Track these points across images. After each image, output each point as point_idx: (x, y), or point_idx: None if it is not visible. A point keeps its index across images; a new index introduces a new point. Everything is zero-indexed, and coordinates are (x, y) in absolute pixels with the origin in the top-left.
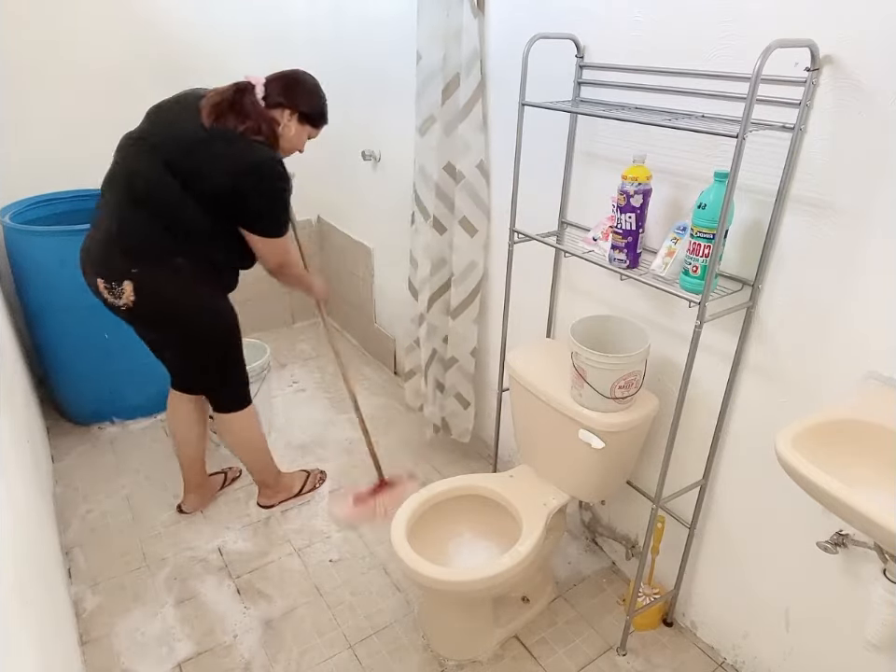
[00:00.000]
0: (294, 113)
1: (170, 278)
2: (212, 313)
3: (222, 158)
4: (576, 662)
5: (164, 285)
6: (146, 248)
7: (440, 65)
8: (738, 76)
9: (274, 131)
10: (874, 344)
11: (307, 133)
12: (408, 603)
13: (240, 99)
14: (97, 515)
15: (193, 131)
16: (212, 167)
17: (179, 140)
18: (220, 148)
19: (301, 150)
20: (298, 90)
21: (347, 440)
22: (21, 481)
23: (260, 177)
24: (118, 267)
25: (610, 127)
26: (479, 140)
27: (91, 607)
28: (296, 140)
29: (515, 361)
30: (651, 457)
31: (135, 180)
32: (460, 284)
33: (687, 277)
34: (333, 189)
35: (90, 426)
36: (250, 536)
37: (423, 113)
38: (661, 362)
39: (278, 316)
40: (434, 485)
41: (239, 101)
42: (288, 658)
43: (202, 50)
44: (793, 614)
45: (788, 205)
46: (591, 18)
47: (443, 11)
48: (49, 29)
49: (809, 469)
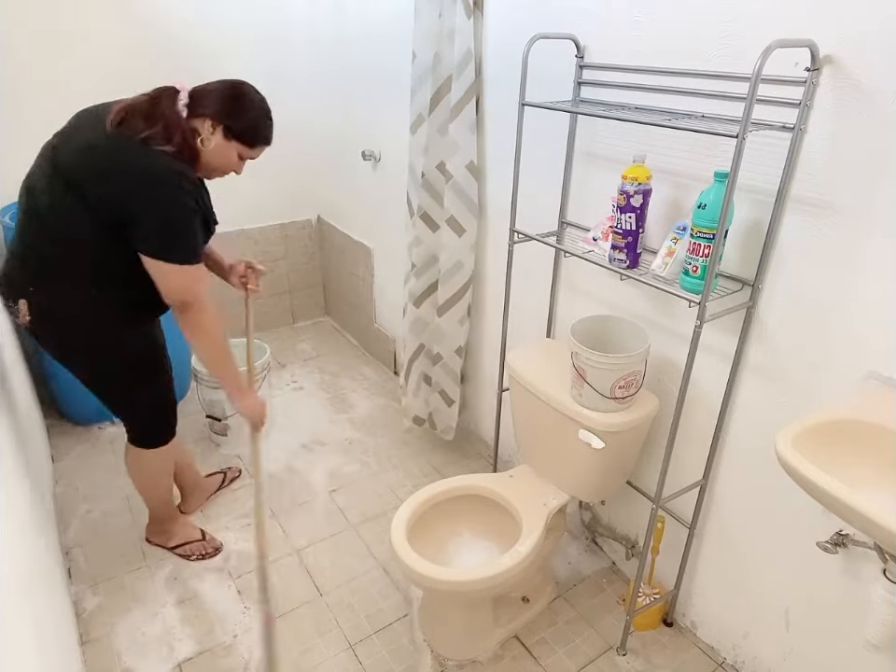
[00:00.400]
0: (217, 125)
1: (65, 299)
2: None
3: (113, 165)
4: (576, 662)
5: (59, 306)
6: (41, 266)
7: (431, 65)
8: (738, 76)
9: (190, 142)
10: (874, 344)
11: (237, 152)
12: (408, 603)
13: (156, 104)
14: (97, 515)
15: (93, 136)
16: (101, 176)
17: (76, 146)
18: (113, 155)
19: (236, 171)
20: (228, 101)
21: (347, 439)
22: (21, 481)
23: (151, 188)
24: (16, 284)
25: (610, 127)
26: (469, 140)
27: (91, 607)
28: (222, 157)
29: (515, 361)
30: (651, 457)
31: (34, 191)
32: (446, 282)
33: (687, 277)
34: (333, 189)
35: (90, 426)
36: (250, 536)
37: (414, 112)
38: (661, 362)
39: (279, 316)
40: (434, 485)
41: (154, 105)
42: (288, 658)
43: (202, 50)
44: (793, 614)
45: (788, 205)
46: (591, 18)
47: (436, 12)
48: (48, 29)
49: (809, 469)
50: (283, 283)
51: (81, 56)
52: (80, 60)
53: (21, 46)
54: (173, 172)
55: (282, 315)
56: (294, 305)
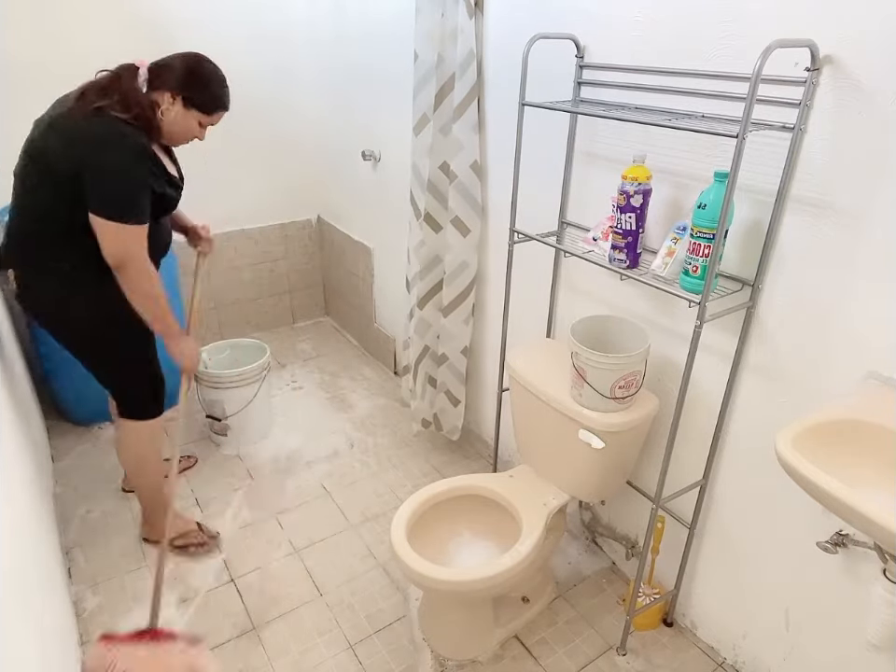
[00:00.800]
0: (177, 97)
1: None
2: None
3: (66, 132)
4: (576, 662)
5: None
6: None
7: (434, 65)
8: (738, 76)
9: (147, 113)
10: (874, 344)
11: (196, 119)
12: (408, 603)
13: (115, 79)
14: (97, 515)
15: (56, 113)
16: (57, 144)
17: (42, 125)
18: (67, 123)
19: (199, 138)
20: (186, 74)
21: (347, 439)
22: (21, 481)
23: (94, 146)
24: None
25: (610, 127)
26: (473, 140)
27: (91, 607)
28: (182, 126)
29: (515, 361)
30: (651, 457)
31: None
32: (451, 283)
33: (687, 277)
34: (333, 189)
35: (90, 426)
36: (250, 535)
37: (417, 112)
38: (661, 362)
39: (279, 316)
40: (434, 485)
41: (112, 81)
42: (288, 658)
43: (202, 50)
44: (793, 614)
45: (788, 205)
46: (591, 18)
47: (438, 12)
48: (48, 29)
49: (809, 469)
50: (283, 283)
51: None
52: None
53: (21, 46)
54: (117, 133)
55: (282, 315)
56: (294, 305)
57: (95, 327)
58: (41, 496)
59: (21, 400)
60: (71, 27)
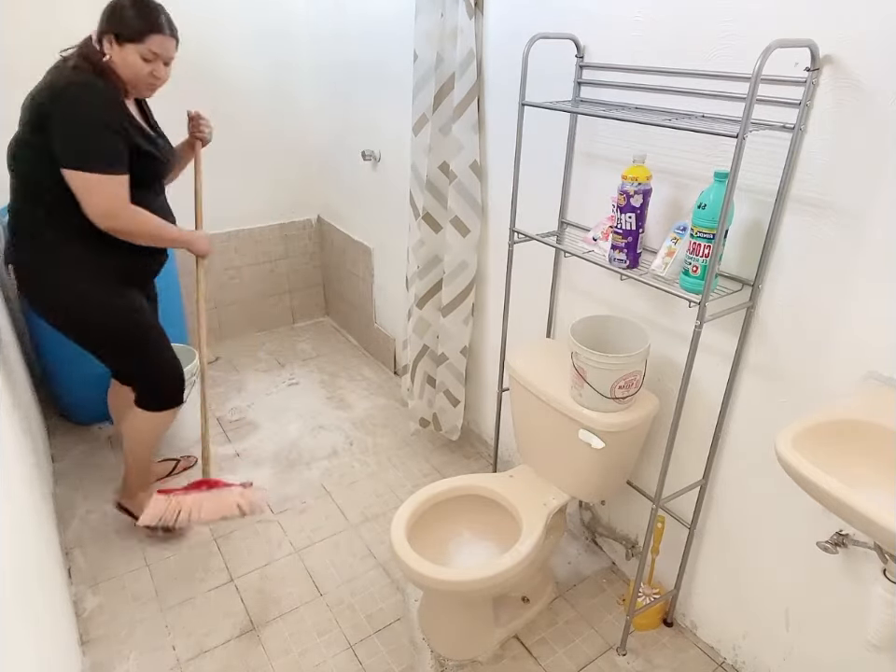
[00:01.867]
0: (110, 38)
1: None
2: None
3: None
4: (576, 662)
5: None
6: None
7: (434, 65)
8: (738, 76)
9: (94, 61)
10: (873, 344)
11: (138, 53)
12: (408, 603)
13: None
14: (97, 515)
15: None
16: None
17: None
18: (41, 84)
19: (157, 76)
20: (107, 13)
21: (347, 439)
22: (21, 480)
23: (59, 99)
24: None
25: (610, 127)
26: (472, 140)
27: (91, 607)
28: (128, 66)
29: (515, 361)
30: (651, 457)
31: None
32: (451, 283)
33: (687, 277)
34: (333, 189)
35: (90, 426)
36: (250, 535)
37: (417, 112)
38: (661, 362)
39: (279, 316)
40: (434, 485)
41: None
42: (288, 658)
43: (202, 49)
44: (793, 614)
45: (788, 205)
46: (591, 18)
47: (438, 11)
48: (48, 28)
49: (809, 469)
50: (283, 283)
51: None
52: None
53: (20, 44)
54: (83, 83)
55: (282, 315)
56: (294, 305)
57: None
58: (41, 496)
59: (21, 400)
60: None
